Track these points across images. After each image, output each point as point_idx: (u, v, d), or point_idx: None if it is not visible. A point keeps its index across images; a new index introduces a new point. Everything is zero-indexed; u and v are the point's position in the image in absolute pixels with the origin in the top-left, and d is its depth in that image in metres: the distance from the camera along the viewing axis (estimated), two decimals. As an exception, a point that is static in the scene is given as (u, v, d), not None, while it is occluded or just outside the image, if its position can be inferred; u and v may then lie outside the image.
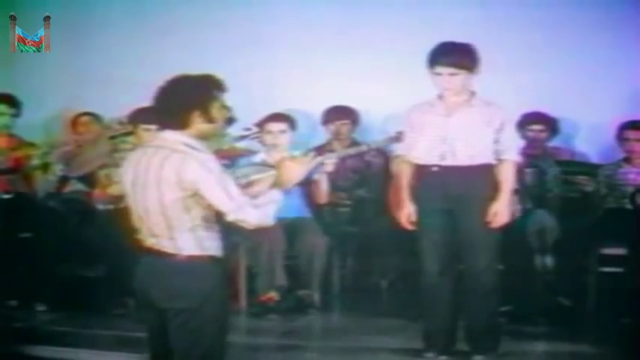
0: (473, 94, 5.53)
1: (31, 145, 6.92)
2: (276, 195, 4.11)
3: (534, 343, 5.94)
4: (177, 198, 3.91)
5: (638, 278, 6.19)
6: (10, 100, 6.96)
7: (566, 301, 6.49)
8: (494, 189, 5.46)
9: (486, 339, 5.52)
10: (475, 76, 5.49)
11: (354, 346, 5.89)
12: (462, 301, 5.56)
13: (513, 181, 5.54)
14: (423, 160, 5.53)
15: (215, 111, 4.01)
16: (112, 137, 6.58)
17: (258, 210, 4.00)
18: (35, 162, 6.68)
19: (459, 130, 5.45)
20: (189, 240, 3.96)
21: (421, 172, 5.55)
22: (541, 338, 6.03)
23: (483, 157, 5.47)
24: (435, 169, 5.48)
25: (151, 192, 3.95)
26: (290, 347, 5.94)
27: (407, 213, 5.57)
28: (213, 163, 3.96)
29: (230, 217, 3.96)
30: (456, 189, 5.43)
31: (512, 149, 5.53)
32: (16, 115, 6.95)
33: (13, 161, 6.76)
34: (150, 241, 4.01)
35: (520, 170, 5.92)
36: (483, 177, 5.47)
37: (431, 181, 5.49)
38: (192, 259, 3.96)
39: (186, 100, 3.98)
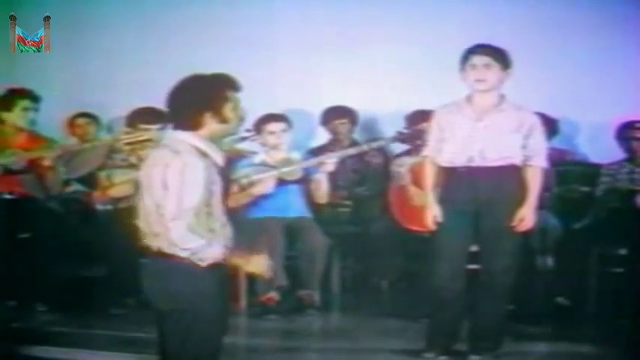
0: (503, 97, 5.49)
1: (48, 143, 6.85)
2: (215, 247, 3.94)
3: (534, 344, 5.92)
4: (164, 197, 3.89)
5: (639, 279, 6.18)
6: (33, 95, 6.88)
7: (566, 301, 6.48)
8: (521, 191, 5.44)
9: (490, 340, 5.51)
10: (506, 79, 5.45)
11: (354, 347, 5.89)
12: (472, 302, 5.54)
13: (540, 187, 5.51)
14: (450, 163, 5.50)
15: (228, 111, 3.97)
16: (129, 144, 6.53)
17: (187, 234, 3.87)
18: (47, 163, 6.65)
19: (489, 135, 5.41)
20: None
21: (448, 173, 5.51)
22: (541, 338, 6.01)
23: (511, 160, 5.44)
24: (462, 170, 5.45)
25: (150, 191, 3.95)
26: (290, 348, 5.93)
27: (433, 214, 5.53)
28: (195, 172, 3.87)
29: (162, 221, 3.90)
30: (483, 191, 5.40)
31: (539, 155, 5.47)
32: (37, 110, 6.91)
33: (28, 162, 6.72)
34: (152, 242, 4.01)
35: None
36: (511, 179, 5.44)
37: (458, 182, 5.46)
38: (186, 260, 3.92)
39: (198, 100, 3.95)
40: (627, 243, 6.38)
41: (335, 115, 7.37)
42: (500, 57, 5.42)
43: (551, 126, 7.04)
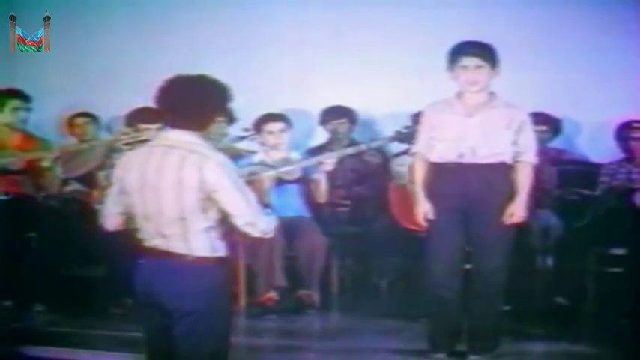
0: (493, 94, 5.51)
1: (45, 144, 6.87)
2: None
3: (533, 343, 5.93)
4: (196, 200, 3.92)
5: (638, 278, 6.19)
6: (23, 95, 6.91)
7: (565, 301, 6.49)
8: (510, 189, 5.45)
9: (487, 339, 5.52)
10: (495, 77, 5.47)
11: (353, 347, 5.89)
12: (467, 301, 5.55)
13: (530, 183, 5.52)
14: (440, 159, 5.50)
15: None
16: (128, 144, 6.55)
17: (267, 218, 4.04)
18: (46, 164, 6.66)
19: (480, 131, 5.43)
20: (202, 241, 3.97)
21: (438, 170, 5.52)
22: (540, 338, 6.02)
23: (502, 157, 5.45)
24: (452, 167, 5.45)
25: (166, 193, 3.94)
26: (289, 348, 5.93)
27: (423, 211, 5.55)
28: (230, 166, 3.99)
29: (241, 221, 3.97)
30: (473, 188, 5.41)
31: (529, 151, 5.49)
32: (29, 109, 6.93)
33: (25, 163, 6.73)
34: (155, 242, 4.01)
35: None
36: (501, 177, 5.45)
37: (448, 179, 5.47)
38: (201, 260, 3.96)
39: (218, 103, 4.04)
40: (627, 243, 6.37)
41: (334, 114, 7.38)
42: (489, 56, 5.43)
43: (554, 126, 7.06)
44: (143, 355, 4.24)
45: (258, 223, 3.99)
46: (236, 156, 6.84)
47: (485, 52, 5.43)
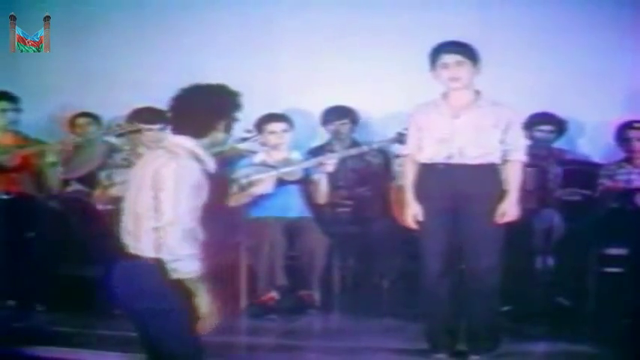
0: (478, 93, 5.51)
1: (39, 143, 6.89)
2: (193, 263, 3.96)
3: (534, 343, 5.93)
4: (150, 197, 3.93)
5: (638, 278, 6.19)
6: (9, 96, 6.93)
7: (566, 301, 6.49)
8: (500, 188, 5.45)
9: (487, 339, 5.52)
10: (477, 74, 5.47)
11: (354, 347, 5.89)
12: (462, 301, 5.55)
13: (520, 181, 5.52)
14: (429, 160, 5.50)
15: (233, 123, 4.09)
16: (120, 135, 6.57)
17: (182, 242, 3.90)
18: (50, 159, 6.67)
19: (467, 131, 5.42)
20: (149, 240, 3.95)
21: (427, 171, 5.52)
22: (541, 338, 6.02)
23: (491, 157, 5.45)
24: (441, 167, 5.45)
25: (137, 188, 3.99)
26: (290, 347, 5.94)
27: (413, 213, 5.55)
28: (192, 176, 3.92)
29: (161, 222, 3.90)
30: (463, 188, 5.40)
31: (519, 149, 5.50)
32: (18, 110, 6.94)
33: (21, 159, 6.75)
34: (124, 240, 4.04)
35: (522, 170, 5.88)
36: (490, 176, 5.46)
37: (438, 180, 5.47)
38: (150, 261, 3.95)
39: (217, 110, 4.04)
40: (627, 243, 6.38)
41: (336, 115, 7.38)
42: (470, 53, 5.44)
43: (560, 126, 7.06)
44: (143, 355, 4.24)
45: (168, 231, 3.87)
46: (237, 156, 6.85)
47: (464, 49, 5.44)
